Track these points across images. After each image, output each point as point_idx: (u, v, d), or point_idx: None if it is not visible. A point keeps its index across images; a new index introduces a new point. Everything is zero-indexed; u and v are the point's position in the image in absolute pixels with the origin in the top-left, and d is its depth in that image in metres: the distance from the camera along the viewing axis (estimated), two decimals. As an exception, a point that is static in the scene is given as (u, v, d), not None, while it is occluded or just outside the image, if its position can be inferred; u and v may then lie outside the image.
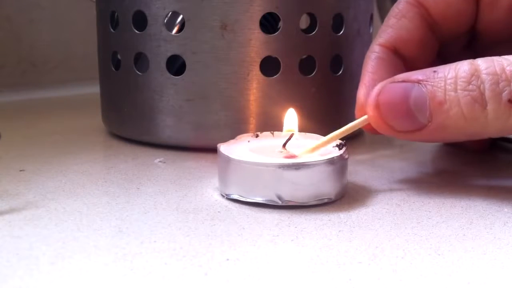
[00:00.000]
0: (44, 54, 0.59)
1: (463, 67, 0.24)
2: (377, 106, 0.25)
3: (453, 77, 0.23)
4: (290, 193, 0.24)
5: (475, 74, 0.23)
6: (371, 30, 0.37)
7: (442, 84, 0.23)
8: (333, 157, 0.24)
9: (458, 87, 0.23)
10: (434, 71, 0.24)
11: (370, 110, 0.25)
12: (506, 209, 0.24)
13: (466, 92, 0.23)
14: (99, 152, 0.34)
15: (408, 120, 0.24)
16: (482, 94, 0.23)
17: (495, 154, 0.34)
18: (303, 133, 0.28)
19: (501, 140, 0.36)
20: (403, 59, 0.29)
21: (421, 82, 0.24)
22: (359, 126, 0.27)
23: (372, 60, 0.28)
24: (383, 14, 0.71)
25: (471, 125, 0.23)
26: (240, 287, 0.17)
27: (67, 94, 0.56)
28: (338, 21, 0.33)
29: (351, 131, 0.26)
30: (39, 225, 0.22)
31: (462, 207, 0.25)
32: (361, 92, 0.28)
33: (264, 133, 0.28)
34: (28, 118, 0.44)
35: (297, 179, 0.24)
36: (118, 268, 0.18)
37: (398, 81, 0.25)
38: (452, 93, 0.23)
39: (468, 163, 0.32)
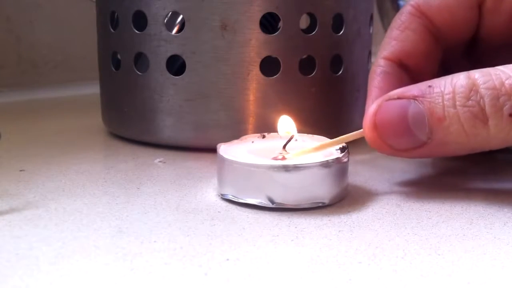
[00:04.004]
0: (44, 54, 0.59)
1: (459, 81, 0.23)
2: (375, 126, 0.24)
3: (450, 92, 0.23)
4: (281, 196, 0.23)
5: (473, 89, 0.23)
6: (371, 30, 0.37)
7: (440, 100, 0.23)
8: (327, 160, 0.24)
9: (457, 103, 0.23)
10: (430, 86, 0.24)
11: (368, 131, 0.24)
12: (506, 209, 0.24)
13: (466, 108, 0.23)
14: (99, 152, 0.34)
15: (407, 138, 0.24)
16: (482, 109, 0.22)
17: (495, 154, 0.34)
18: (310, 135, 0.27)
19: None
20: (409, 71, 0.28)
21: (417, 98, 0.23)
22: (357, 137, 0.26)
23: (378, 74, 0.28)
24: (383, 14, 0.72)
25: (472, 141, 0.23)
26: (240, 287, 0.17)
27: (67, 94, 0.56)
28: (338, 21, 0.33)
29: (345, 142, 0.26)
30: (39, 225, 0.22)
31: (462, 207, 0.25)
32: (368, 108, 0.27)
33: (272, 134, 0.28)
34: (28, 118, 0.44)
35: (287, 182, 0.23)
36: (118, 268, 0.18)
37: (394, 98, 0.24)
38: (451, 110, 0.23)
39: (468, 163, 0.32)
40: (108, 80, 0.36)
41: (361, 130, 0.26)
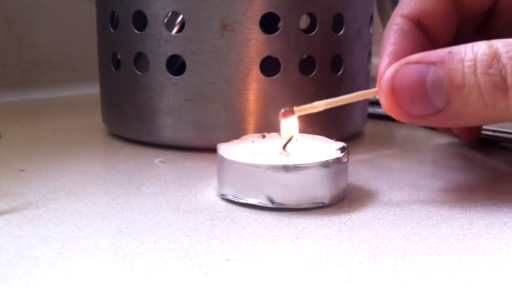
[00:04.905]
0: (44, 54, 0.59)
1: (481, 49, 0.22)
2: (392, 91, 0.23)
3: (472, 59, 0.22)
4: (281, 196, 0.23)
5: (495, 57, 0.22)
6: (371, 30, 0.37)
7: (460, 67, 0.22)
8: (327, 160, 0.24)
9: (478, 71, 0.22)
10: (450, 52, 0.23)
11: (385, 95, 0.24)
12: (506, 209, 0.24)
13: (487, 77, 0.22)
14: (99, 152, 0.34)
15: (424, 105, 0.23)
16: (504, 79, 0.22)
17: (495, 154, 0.34)
18: (310, 135, 0.27)
19: (501, 140, 0.36)
20: (425, 33, 0.28)
21: (436, 63, 0.23)
22: (369, 96, 0.26)
23: (395, 31, 0.27)
24: (383, 14, 0.72)
25: (490, 111, 0.22)
26: (240, 287, 0.17)
27: (67, 94, 0.56)
28: (338, 21, 0.33)
29: (360, 99, 0.25)
30: (39, 225, 0.22)
31: (462, 207, 0.25)
32: (383, 64, 0.26)
33: (272, 134, 0.28)
34: (28, 118, 0.44)
35: (287, 181, 0.23)
36: (118, 268, 0.18)
37: (412, 63, 0.23)
38: (472, 77, 0.22)
39: (468, 163, 0.32)
40: (108, 80, 0.36)
41: (376, 89, 0.25)
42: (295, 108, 0.24)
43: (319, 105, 0.25)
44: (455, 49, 0.23)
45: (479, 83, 0.22)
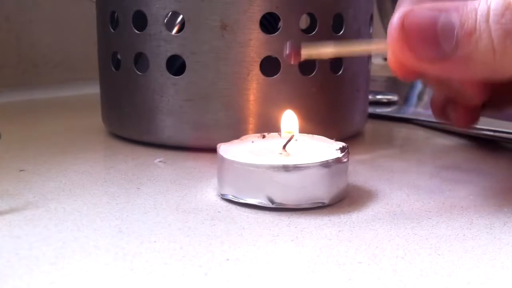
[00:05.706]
0: (44, 54, 0.59)
1: (495, 0, 0.23)
2: (402, 27, 0.23)
3: (485, 8, 0.23)
4: (281, 196, 0.23)
5: (509, 7, 0.22)
6: (371, 30, 0.37)
7: (473, 14, 0.23)
8: (327, 160, 0.24)
9: (491, 19, 0.22)
10: (464, 3, 0.23)
11: (394, 31, 0.24)
12: (506, 209, 0.24)
13: (499, 25, 0.22)
14: (99, 152, 0.34)
15: (431, 47, 0.23)
16: None
17: (495, 154, 0.34)
18: (310, 135, 0.27)
19: (501, 140, 0.36)
20: None
21: (449, 11, 0.23)
22: (381, 50, 0.25)
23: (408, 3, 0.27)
24: (383, 14, 0.72)
25: (498, 60, 0.23)
26: (240, 287, 0.17)
27: (67, 94, 0.56)
28: (338, 21, 0.33)
29: (371, 50, 0.25)
30: (39, 225, 0.22)
31: (462, 207, 0.25)
32: None
33: (272, 134, 0.28)
34: (28, 118, 0.44)
35: (287, 181, 0.23)
36: (118, 268, 0.18)
37: (425, 8, 0.24)
38: (484, 24, 0.23)
39: (468, 163, 0.32)
40: (108, 80, 0.36)
41: (383, 43, 0.25)
42: (302, 51, 0.24)
43: (328, 50, 0.24)
44: (470, 1, 0.23)
45: (490, 29, 0.22)
